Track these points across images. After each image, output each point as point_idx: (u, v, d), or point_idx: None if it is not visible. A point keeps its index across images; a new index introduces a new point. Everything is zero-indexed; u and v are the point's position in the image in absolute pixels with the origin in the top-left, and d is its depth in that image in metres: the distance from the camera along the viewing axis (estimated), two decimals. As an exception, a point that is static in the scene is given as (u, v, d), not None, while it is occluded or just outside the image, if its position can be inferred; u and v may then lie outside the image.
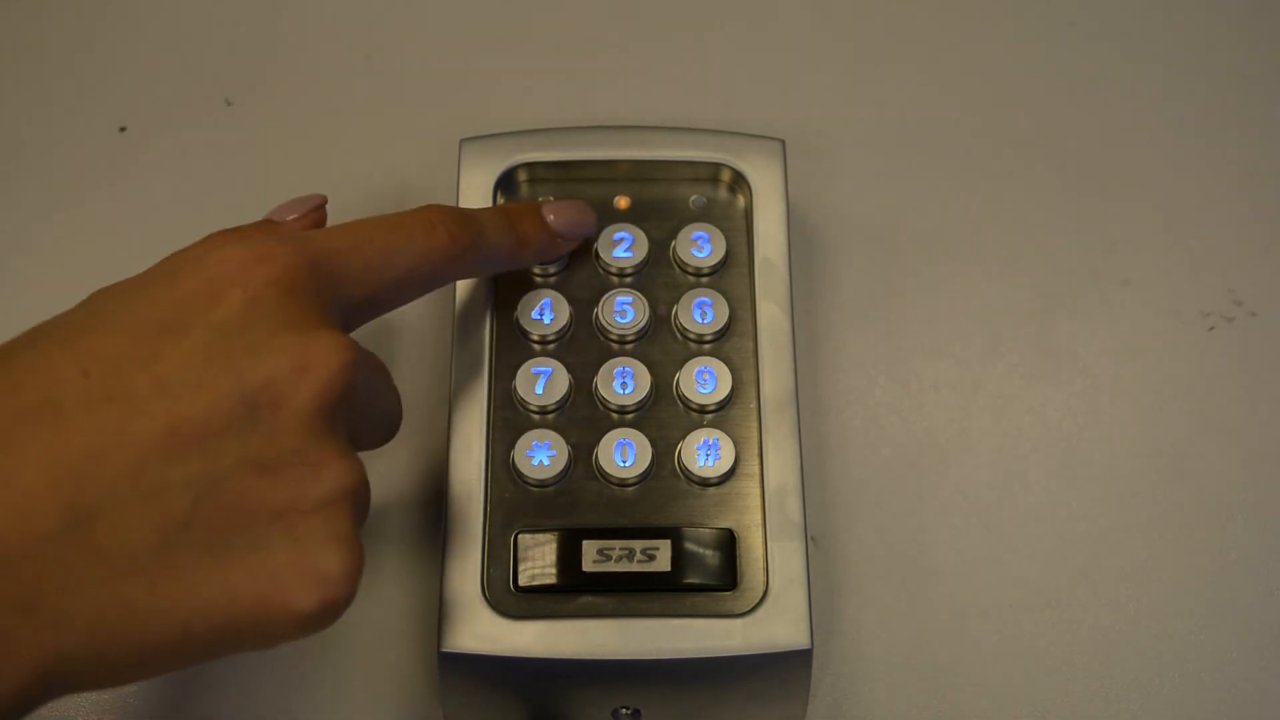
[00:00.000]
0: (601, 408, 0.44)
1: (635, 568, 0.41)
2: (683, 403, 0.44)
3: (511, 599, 0.41)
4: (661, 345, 0.45)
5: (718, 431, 0.43)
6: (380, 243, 0.38)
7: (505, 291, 0.45)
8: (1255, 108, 0.55)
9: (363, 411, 0.36)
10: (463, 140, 0.47)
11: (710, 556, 0.41)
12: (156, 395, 0.32)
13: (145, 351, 0.32)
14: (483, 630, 0.40)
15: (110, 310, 0.33)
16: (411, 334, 0.50)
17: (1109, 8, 0.57)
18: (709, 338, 0.45)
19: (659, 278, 0.46)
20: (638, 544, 0.41)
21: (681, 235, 0.46)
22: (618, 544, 0.41)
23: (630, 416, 0.44)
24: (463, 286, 0.45)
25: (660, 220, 0.47)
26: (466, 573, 0.41)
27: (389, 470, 0.47)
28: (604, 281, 0.46)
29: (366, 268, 0.37)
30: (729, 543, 0.41)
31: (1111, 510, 0.47)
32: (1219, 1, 0.57)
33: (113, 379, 0.31)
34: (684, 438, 0.43)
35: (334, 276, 0.36)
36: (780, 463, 0.42)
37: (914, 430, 0.49)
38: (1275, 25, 0.57)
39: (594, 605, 0.41)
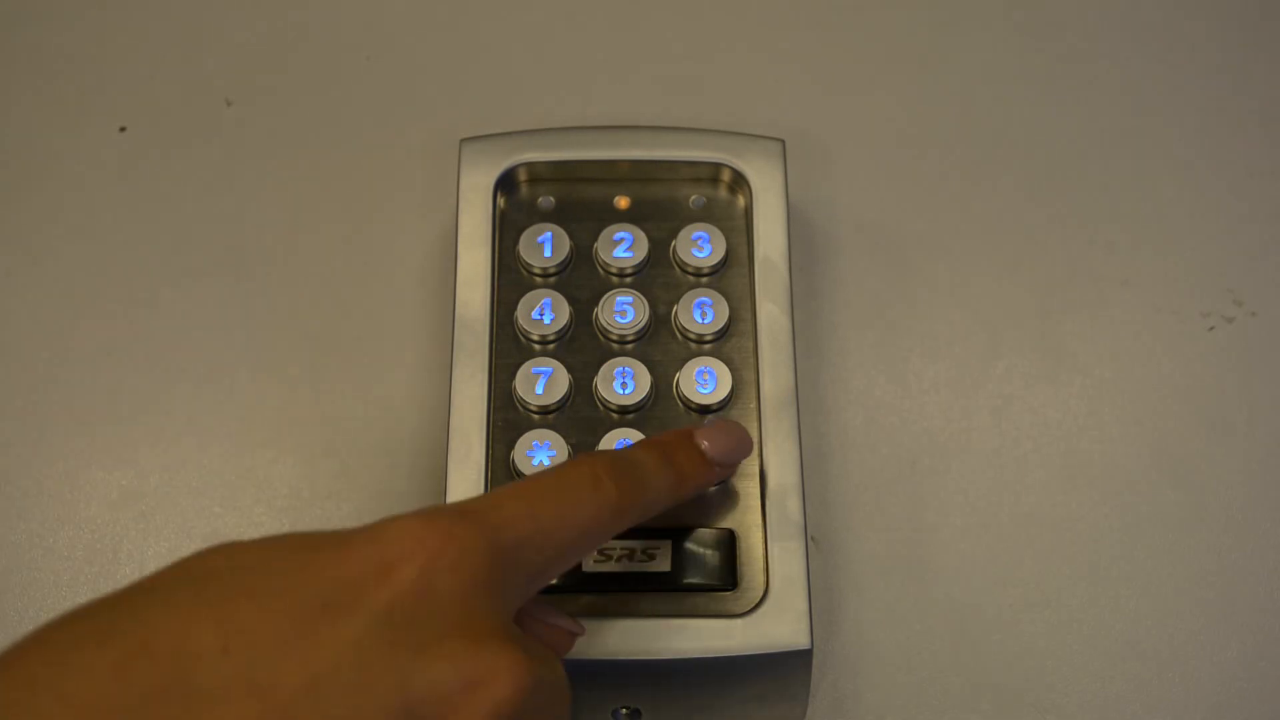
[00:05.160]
0: (602, 408, 0.44)
1: (635, 568, 0.41)
2: (683, 403, 0.44)
3: (512, 599, 0.41)
4: (662, 345, 0.45)
5: (718, 431, 0.43)
6: (552, 510, 0.33)
7: (505, 291, 0.45)
8: (1254, 108, 0.55)
9: None
10: (463, 140, 0.47)
11: (710, 556, 0.41)
12: (306, 695, 0.27)
13: (300, 634, 0.28)
14: (483, 630, 0.40)
15: (266, 573, 0.29)
16: (412, 334, 0.50)
17: (1109, 8, 0.57)
18: (709, 338, 0.45)
19: (659, 278, 0.46)
20: (638, 544, 0.41)
21: (681, 235, 0.46)
22: (618, 544, 0.41)
23: (630, 417, 0.44)
24: (462, 286, 0.45)
25: (660, 220, 0.47)
26: (467, 573, 0.40)
27: (389, 472, 0.47)
28: (604, 281, 0.46)
29: (544, 539, 0.33)
30: (729, 543, 0.41)
31: (1111, 510, 0.47)
32: (1219, 3, 0.57)
33: (259, 664, 0.27)
34: (684, 438, 0.43)
35: (514, 558, 0.32)
36: (780, 463, 0.42)
37: (914, 430, 0.49)
38: (1275, 26, 0.57)
39: (594, 605, 0.41)
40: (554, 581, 0.41)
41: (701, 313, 0.45)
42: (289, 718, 0.27)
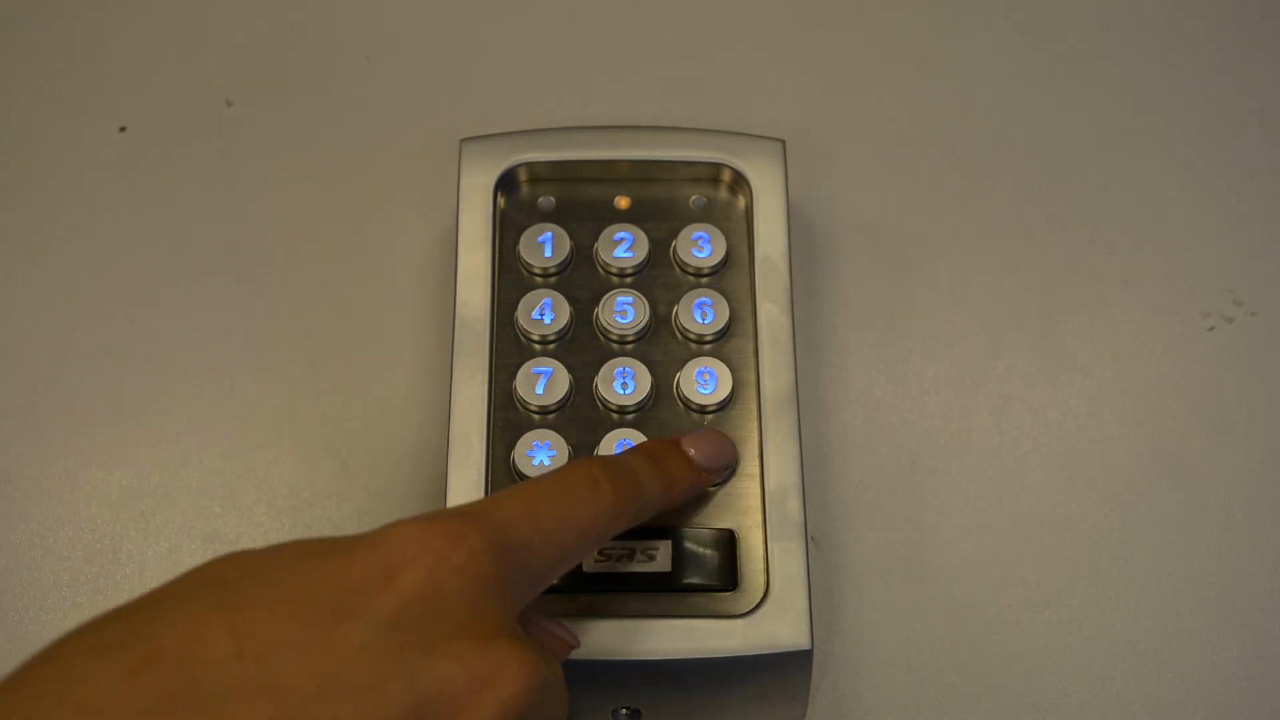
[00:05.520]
0: (602, 408, 0.44)
1: (635, 568, 0.41)
2: (683, 403, 0.44)
3: (512, 599, 0.41)
4: (662, 345, 0.45)
5: (718, 432, 0.43)
6: (552, 511, 0.34)
7: (505, 291, 0.45)
8: (1254, 108, 0.55)
9: None
10: (463, 140, 0.47)
11: (710, 556, 0.41)
12: (318, 696, 0.28)
13: (310, 638, 0.28)
14: (483, 630, 0.40)
15: (273, 580, 0.29)
16: (412, 334, 0.50)
17: (1109, 8, 0.57)
18: (709, 338, 0.45)
19: (659, 278, 0.46)
20: (638, 544, 0.41)
21: (682, 235, 0.46)
22: (618, 544, 0.41)
23: (631, 417, 0.44)
24: (463, 286, 0.45)
25: (661, 220, 0.47)
26: (467, 573, 0.40)
27: (389, 472, 0.47)
28: (604, 281, 0.46)
29: (544, 540, 0.33)
30: (729, 543, 0.41)
31: (1111, 510, 0.47)
32: (1219, 3, 0.57)
33: (270, 667, 0.27)
34: (684, 438, 0.43)
35: (517, 559, 0.32)
36: (780, 463, 0.42)
37: (914, 430, 0.49)
38: (1275, 26, 0.57)
39: (594, 605, 0.41)
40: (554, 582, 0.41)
41: (702, 313, 0.45)
42: (300, 715, 0.27)
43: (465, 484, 0.42)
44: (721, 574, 0.41)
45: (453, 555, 0.31)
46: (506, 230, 0.46)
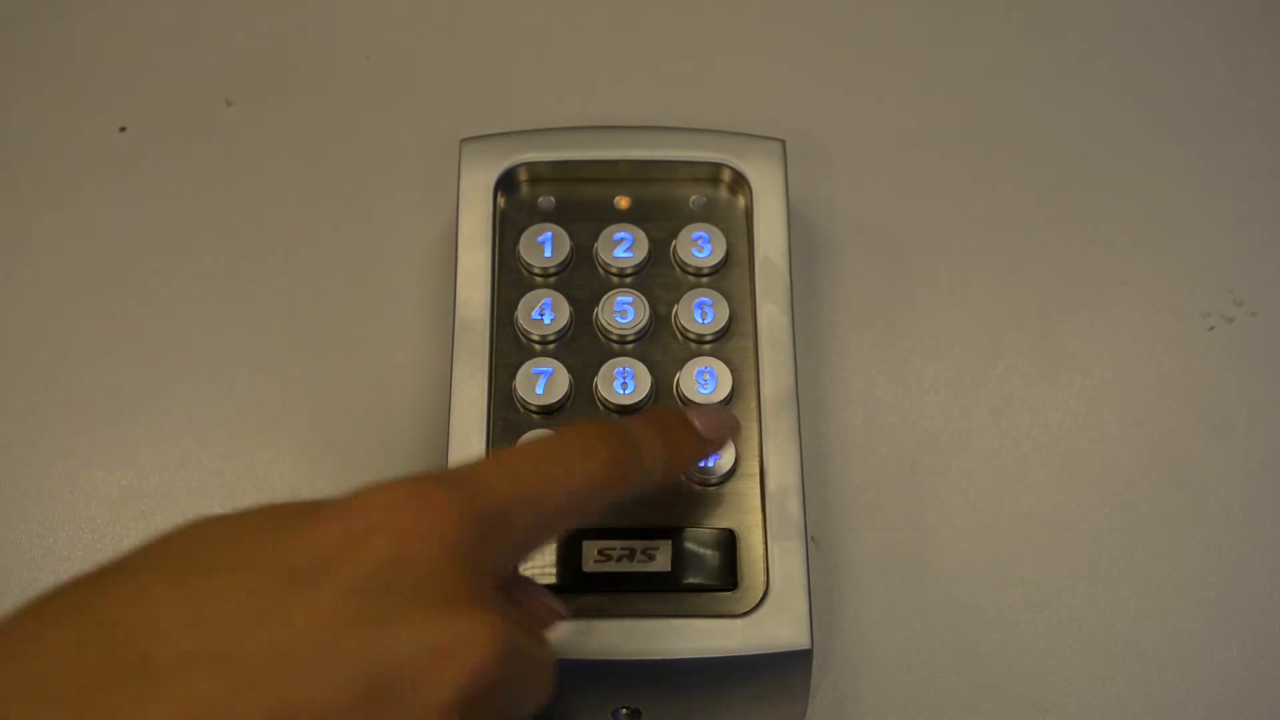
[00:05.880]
0: (602, 408, 0.44)
1: (635, 568, 0.41)
2: (683, 403, 0.44)
3: (512, 599, 0.41)
4: (662, 345, 0.45)
5: (718, 432, 0.43)
6: (536, 476, 0.33)
7: (505, 291, 0.45)
8: (1254, 108, 0.55)
9: (503, 710, 0.30)
10: (463, 140, 0.47)
11: (710, 557, 0.41)
12: (268, 666, 0.27)
13: (267, 606, 0.28)
14: (483, 630, 0.40)
15: (236, 547, 0.29)
16: (412, 334, 0.50)
17: (1109, 8, 0.57)
18: (709, 338, 0.45)
19: (659, 278, 0.46)
20: (638, 544, 0.41)
21: (682, 235, 0.46)
22: (618, 544, 0.41)
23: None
24: (462, 285, 0.45)
25: (661, 220, 0.47)
26: (467, 573, 0.40)
27: (388, 471, 0.47)
28: (604, 281, 0.46)
29: (529, 504, 0.32)
30: (729, 543, 0.41)
31: (1111, 510, 0.47)
32: (1219, 2, 0.57)
33: (223, 637, 0.27)
34: (684, 438, 0.43)
35: (496, 524, 0.31)
36: (780, 463, 0.42)
37: (914, 430, 0.49)
38: (1275, 26, 0.57)
39: (594, 605, 0.41)
40: (554, 580, 0.41)
41: (702, 313, 0.45)
42: (250, 688, 0.26)
43: (465, 484, 0.42)
44: (721, 574, 0.41)
45: (421, 521, 0.30)
46: (506, 230, 0.46)
